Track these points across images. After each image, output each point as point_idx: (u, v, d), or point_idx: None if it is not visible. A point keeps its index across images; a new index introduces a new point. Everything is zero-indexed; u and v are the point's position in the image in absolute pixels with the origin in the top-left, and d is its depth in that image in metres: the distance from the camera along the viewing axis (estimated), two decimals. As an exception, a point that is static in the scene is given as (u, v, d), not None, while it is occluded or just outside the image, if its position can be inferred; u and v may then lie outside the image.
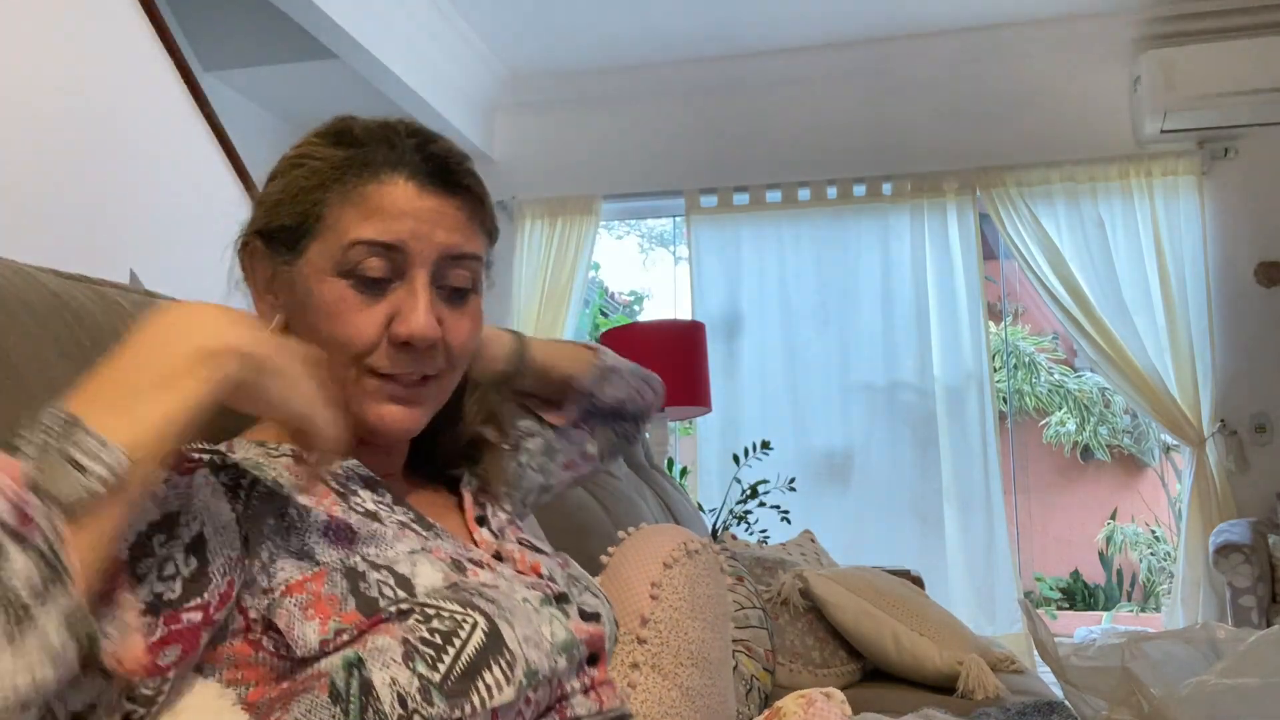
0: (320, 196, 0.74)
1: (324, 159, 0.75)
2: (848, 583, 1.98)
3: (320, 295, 0.73)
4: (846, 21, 4.11)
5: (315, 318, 0.74)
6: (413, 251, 0.73)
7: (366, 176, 0.74)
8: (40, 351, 0.71)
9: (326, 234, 0.74)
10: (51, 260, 0.80)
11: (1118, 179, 4.03)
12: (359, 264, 0.72)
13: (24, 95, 2.14)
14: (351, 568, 0.67)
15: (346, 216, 0.73)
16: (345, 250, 0.73)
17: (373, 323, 0.73)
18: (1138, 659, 1.15)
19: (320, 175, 0.75)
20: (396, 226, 0.73)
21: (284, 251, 0.76)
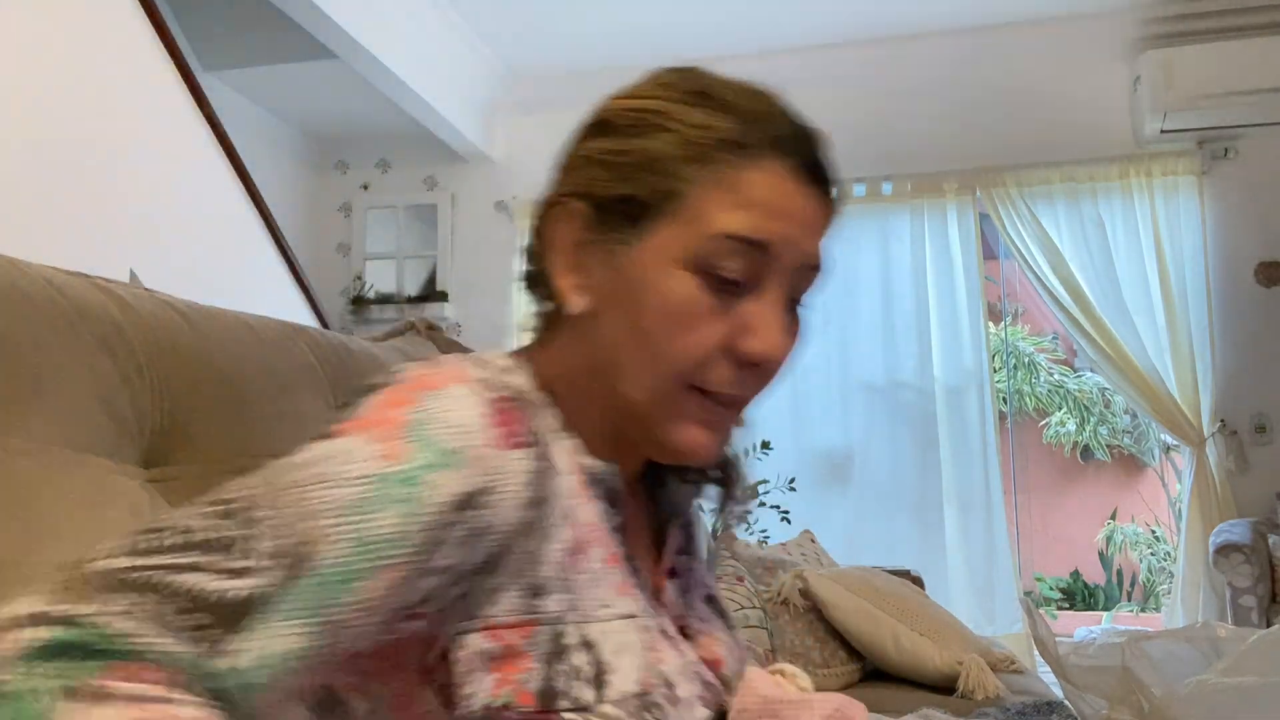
0: (683, 171, 0.62)
1: (693, 125, 0.62)
2: (848, 583, 1.98)
3: (662, 289, 0.61)
4: (847, 21, 4.11)
5: (647, 313, 0.61)
6: (777, 257, 0.62)
7: (743, 158, 0.62)
8: (35, 331, 0.71)
9: (684, 218, 0.61)
10: (51, 260, 0.80)
11: (1118, 179, 4.03)
12: (719, 261, 0.61)
13: (24, 95, 2.14)
14: (559, 634, 0.56)
15: (713, 202, 0.61)
16: (707, 242, 0.61)
17: (717, 333, 0.61)
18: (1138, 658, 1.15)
19: (686, 145, 0.62)
20: (771, 225, 0.61)
21: (619, 226, 0.63)
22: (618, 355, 0.63)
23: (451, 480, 0.52)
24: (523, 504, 0.55)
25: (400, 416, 0.53)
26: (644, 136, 0.63)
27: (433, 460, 0.52)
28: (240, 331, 0.95)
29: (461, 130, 4.40)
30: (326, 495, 0.50)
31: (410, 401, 0.54)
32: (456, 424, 0.54)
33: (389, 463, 0.51)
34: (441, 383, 0.56)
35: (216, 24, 4.01)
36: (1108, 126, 4.05)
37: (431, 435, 0.53)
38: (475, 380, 0.57)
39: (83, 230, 2.27)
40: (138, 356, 0.79)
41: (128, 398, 0.77)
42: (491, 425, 0.55)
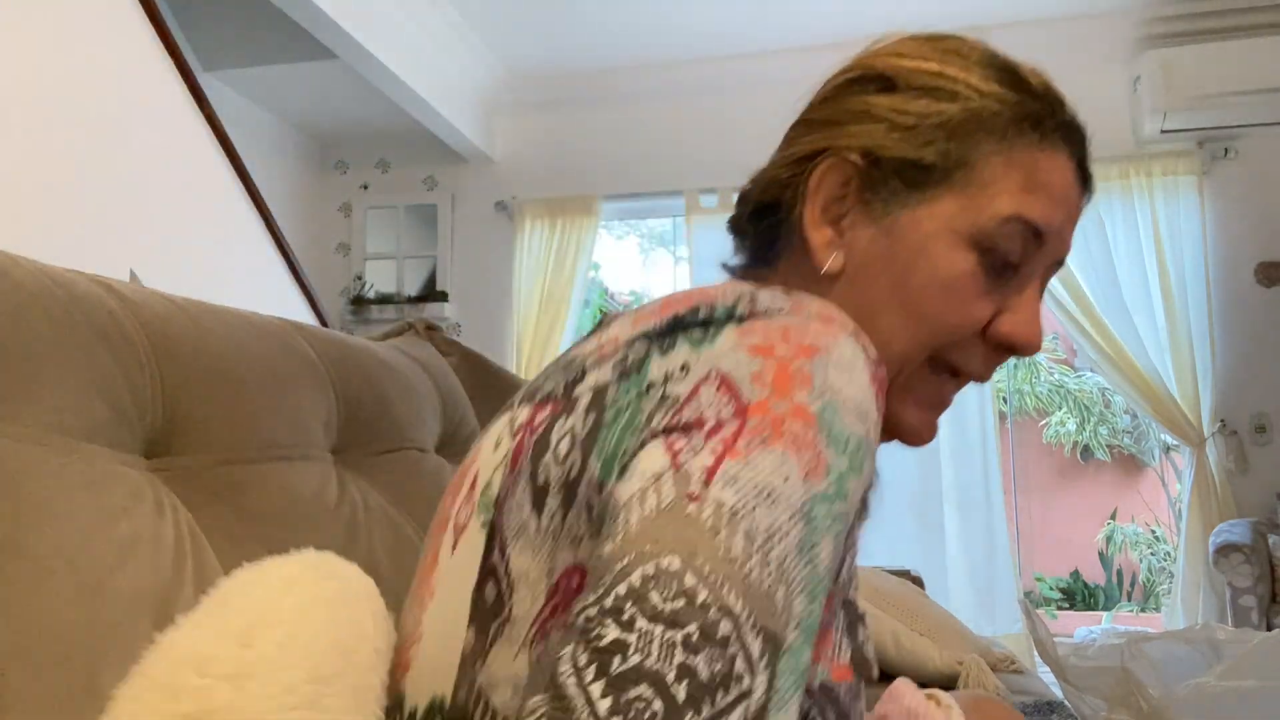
0: (979, 143, 0.59)
1: (994, 98, 0.61)
2: (847, 583, 1.97)
3: (942, 261, 0.58)
4: (846, 21, 4.11)
5: (919, 282, 0.58)
6: (1049, 246, 0.60)
7: (1037, 141, 0.60)
8: (31, 322, 0.71)
9: (973, 191, 0.59)
10: (51, 260, 0.80)
11: (1118, 179, 4.02)
12: (1002, 243, 0.58)
13: (24, 95, 2.14)
14: (852, 600, 0.54)
15: (1005, 179, 0.59)
16: (996, 221, 0.58)
17: (983, 314, 0.59)
18: (1137, 659, 1.15)
19: (986, 117, 0.60)
20: (1055, 214, 0.59)
21: (897, 189, 0.60)
22: (871, 318, 0.59)
23: (862, 482, 0.48)
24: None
25: (810, 410, 0.47)
26: (940, 99, 0.61)
27: (848, 467, 0.47)
28: (239, 325, 0.95)
29: (461, 130, 4.40)
30: (777, 554, 0.43)
31: (810, 381, 0.48)
32: (857, 407, 0.48)
33: (813, 484, 0.45)
34: (831, 340, 0.50)
35: (216, 24, 4.01)
36: (1108, 126, 4.05)
37: (841, 430, 0.47)
38: (856, 332, 0.52)
39: (83, 230, 2.27)
40: (136, 347, 0.79)
41: (127, 388, 0.77)
42: (879, 394, 0.51)
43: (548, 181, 4.59)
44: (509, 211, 4.65)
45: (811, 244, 0.62)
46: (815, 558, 0.44)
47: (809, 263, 0.62)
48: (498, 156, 4.73)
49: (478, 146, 4.59)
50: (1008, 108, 0.60)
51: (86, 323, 0.75)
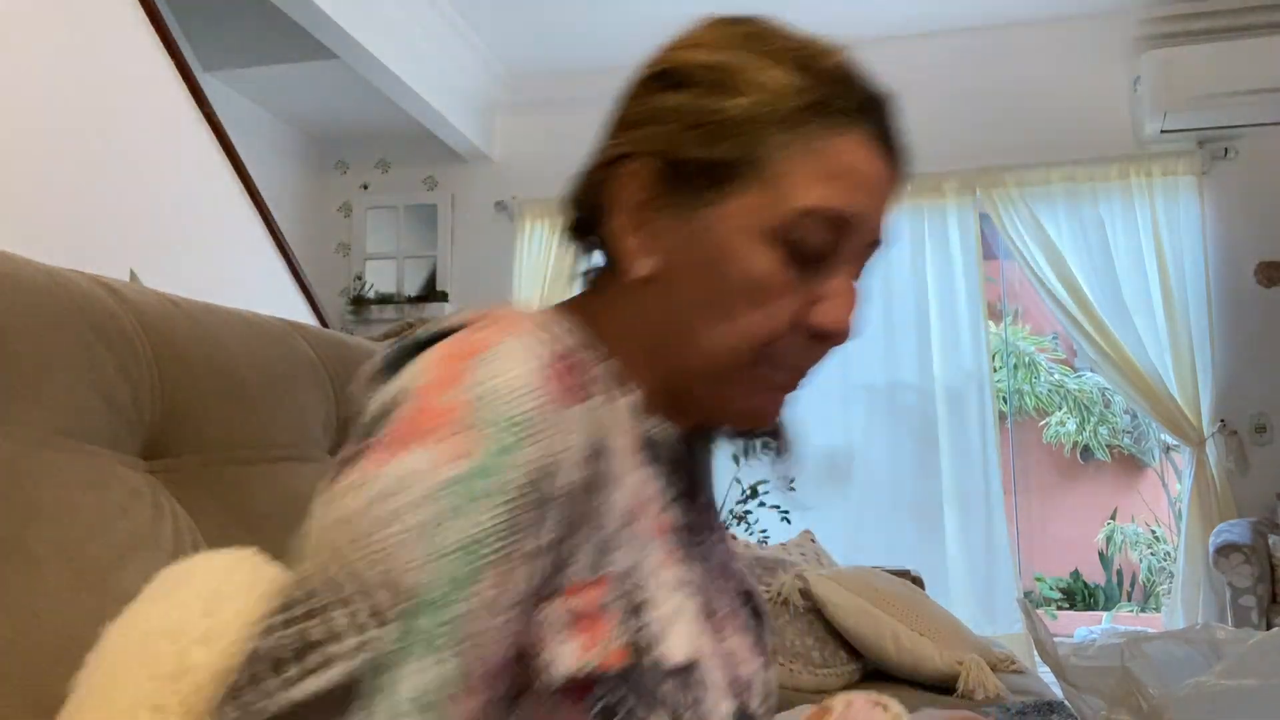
0: (771, 136, 0.57)
1: (781, 87, 0.58)
2: (847, 583, 1.98)
3: (742, 259, 0.58)
4: (846, 21, 4.11)
5: (724, 282, 0.58)
6: (857, 232, 0.59)
7: (830, 125, 0.58)
8: (32, 322, 0.71)
9: (768, 186, 0.57)
10: (51, 260, 0.80)
11: (1118, 179, 4.03)
12: (803, 235, 0.57)
13: (23, 95, 2.14)
14: (638, 586, 0.54)
15: (801, 173, 0.57)
16: (794, 216, 0.57)
17: (795, 306, 0.59)
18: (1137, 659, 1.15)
19: (772, 108, 0.58)
20: (856, 199, 0.58)
21: (696, 189, 0.59)
22: (688, 321, 0.60)
23: (527, 454, 0.49)
24: (585, 459, 0.53)
25: (456, 403, 0.49)
26: (725, 95, 0.59)
27: (506, 441, 0.49)
28: (238, 325, 0.95)
29: (461, 130, 4.40)
30: (400, 532, 0.46)
31: (461, 378, 0.50)
32: (517, 388, 0.50)
33: (459, 463, 0.47)
34: (493, 340, 0.53)
35: (216, 24, 4.01)
36: (1108, 126, 4.05)
37: (496, 412, 0.49)
38: (530, 331, 0.54)
39: (83, 230, 2.27)
40: (136, 347, 0.79)
41: (126, 388, 0.77)
42: (551, 379, 0.52)
43: (548, 181, 4.56)
44: (509, 211, 4.65)
45: (621, 251, 0.61)
46: (445, 531, 0.46)
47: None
48: (498, 156, 4.73)
49: (478, 146, 4.59)
50: (798, 96, 0.58)
51: (88, 324, 0.75)
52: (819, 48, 0.62)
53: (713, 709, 0.55)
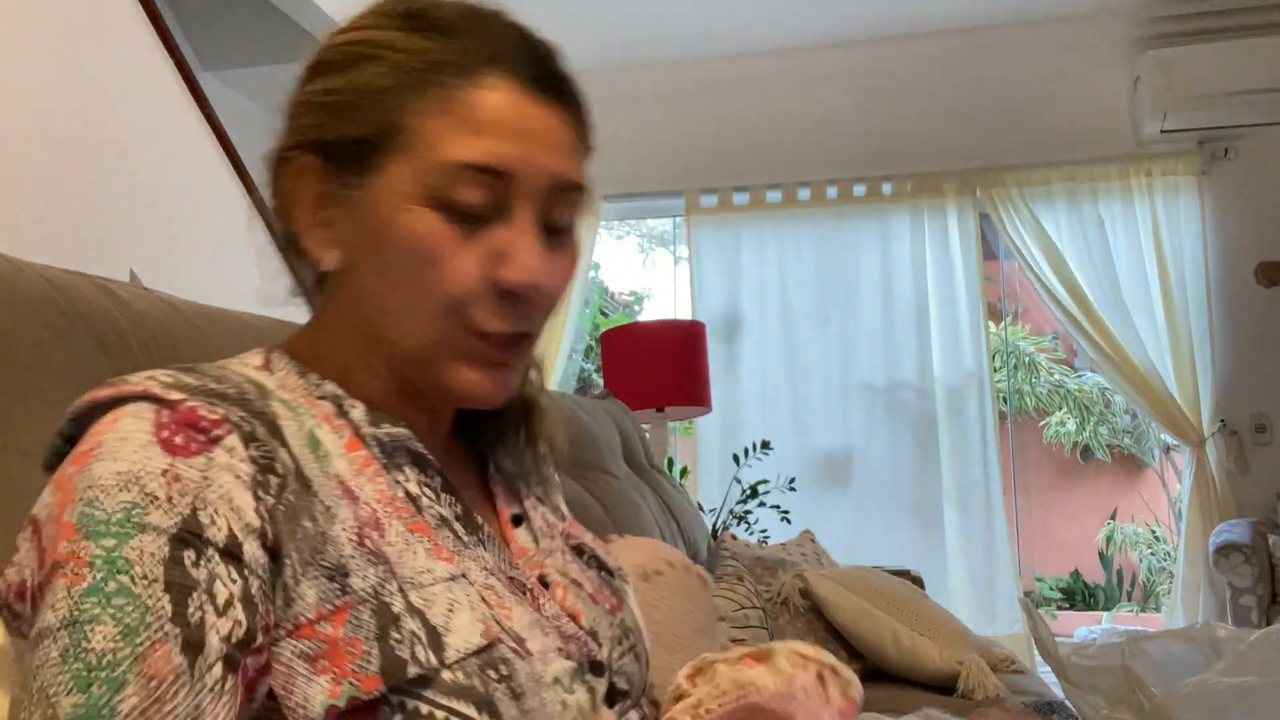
0: (405, 101, 0.57)
1: (406, 50, 0.58)
2: (848, 583, 1.98)
3: (403, 228, 0.57)
4: (846, 21, 4.11)
5: (395, 255, 0.58)
6: (520, 178, 0.58)
7: (463, 77, 0.57)
8: (34, 332, 0.71)
9: (412, 150, 0.57)
10: (51, 260, 0.80)
11: (1118, 179, 4.03)
12: (455, 191, 0.57)
13: (23, 95, 2.13)
14: (386, 603, 0.52)
15: (440, 130, 0.57)
16: (439, 173, 0.57)
17: (472, 265, 0.58)
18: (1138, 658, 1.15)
19: (403, 73, 0.58)
20: (504, 148, 0.57)
21: (349, 170, 0.59)
22: (380, 305, 0.60)
23: (152, 535, 0.47)
24: (252, 491, 0.51)
25: (68, 522, 0.48)
26: (357, 70, 0.59)
27: (119, 539, 0.47)
28: (239, 330, 0.95)
29: (461, 130, 4.39)
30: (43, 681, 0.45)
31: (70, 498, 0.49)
32: (120, 479, 0.48)
33: (75, 588, 0.46)
34: (110, 423, 0.51)
35: (216, 24, 4.01)
36: (1108, 126, 4.05)
37: (102, 516, 0.47)
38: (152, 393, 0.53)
39: (83, 230, 2.27)
40: (136, 357, 0.79)
41: (127, 397, 0.77)
42: (169, 443, 0.50)
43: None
44: (509, 212, 4.65)
45: (307, 248, 0.62)
46: (85, 651, 0.45)
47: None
48: (498, 157, 4.73)
49: (478, 147, 4.58)
50: (425, 58, 0.58)
51: (88, 331, 0.75)
52: (455, 7, 0.61)
53: (538, 675, 0.56)
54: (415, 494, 0.60)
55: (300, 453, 0.55)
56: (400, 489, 0.59)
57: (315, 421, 0.58)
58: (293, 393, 0.60)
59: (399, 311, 0.59)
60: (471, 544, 0.60)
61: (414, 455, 0.61)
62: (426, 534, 0.58)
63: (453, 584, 0.56)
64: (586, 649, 0.62)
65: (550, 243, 0.61)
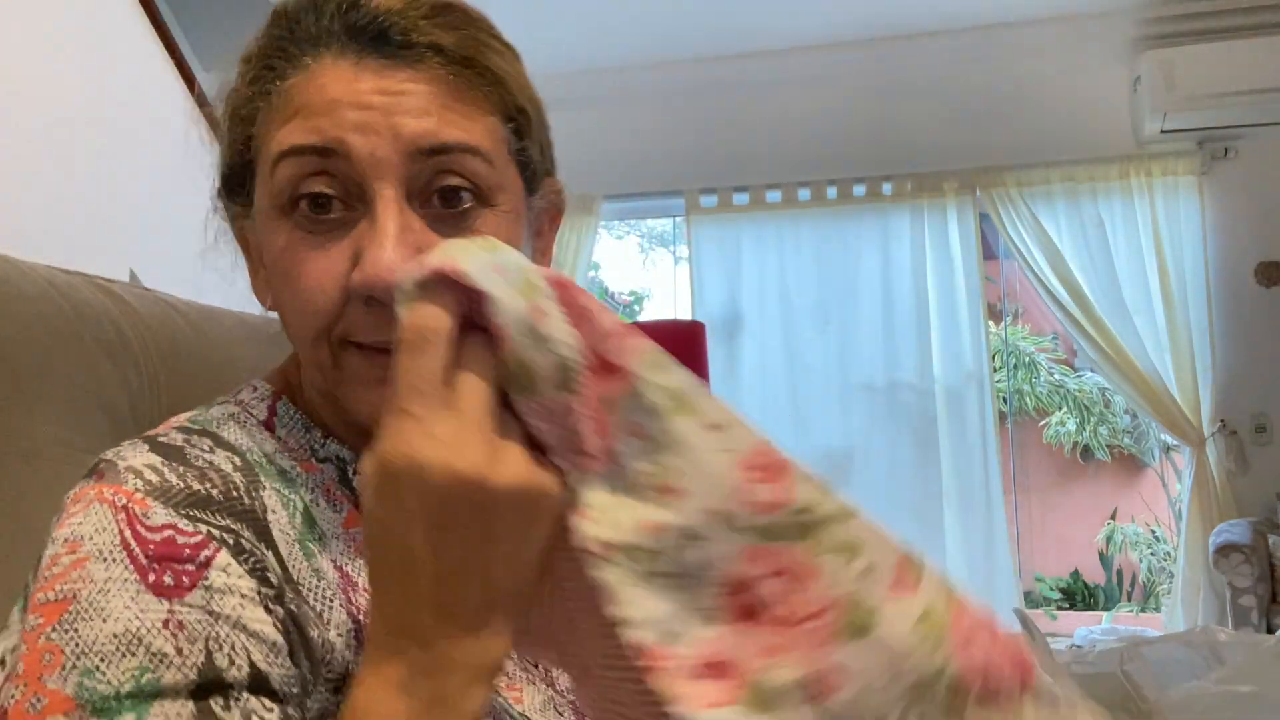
0: (254, 111, 0.53)
1: (253, 56, 0.54)
2: (847, 583, 1.97)
3: (269, 248, 0.53)
4: (846, 21, 4.11)
5: (276, 285, 0.54)
6: (361, 155, 0.49)
7: (289, 66, 0.52)
8: (33, 333, 0.71)
9: (262, 161, 0.53)
10: (51, 260, 0.80)
11: (1118, 179, 4.02)
12: (293, 189, 0.50)
13: (23, 95, 2.13)
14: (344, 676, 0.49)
15: (273, 128, 0.52)
16: (273, 173, 0.51)
17: (332, 275, 0.50)
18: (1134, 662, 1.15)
19: (251, 81, 0.54)
20: (325, 123, 0.49)
21: (240, 201, 0.56)
22: (290, 335, 0.55)
23: (170, 697, 0.42)
24: (262, 605, 0.46)
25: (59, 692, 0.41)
26: (230, 93, 0.56)
27: (136, 709, 0.41)
28: (240, 331, 0.95)
29: (461, 130, 4.39)
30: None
31: (57, 652, 0.42)
32: (124, 629, 0.42)
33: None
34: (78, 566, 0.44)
35: (216, 24, 4.01)
36: (1108, 126, 4.05)
37: (107, 681, 0.42)
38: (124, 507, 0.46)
39: (83, 230, 2.27)
40: (137, 358, 0.79)
41: (127, 399, 0.77)
42: (160, 586, 0.44)
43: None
44: (509, 211, 4.65)
45: (255, 293, 0.60)
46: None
47: None
48: (498, 156, 4.72)
49: (478, 146, 4.58)
50: (259, 55, 0.54)
51: (89, 333, 0.75)
52: (276, 7, 0.56)
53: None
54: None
55: (289, 554, 0.50)
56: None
57: (313, 496, 0.54)
58: (293, 456, 0.55)
59: (295, 340, 0.55)
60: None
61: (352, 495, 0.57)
62: None
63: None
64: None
65: (444, 223, 0.51)
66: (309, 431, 0.57)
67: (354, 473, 0.57)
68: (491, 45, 0.57)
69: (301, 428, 0.57)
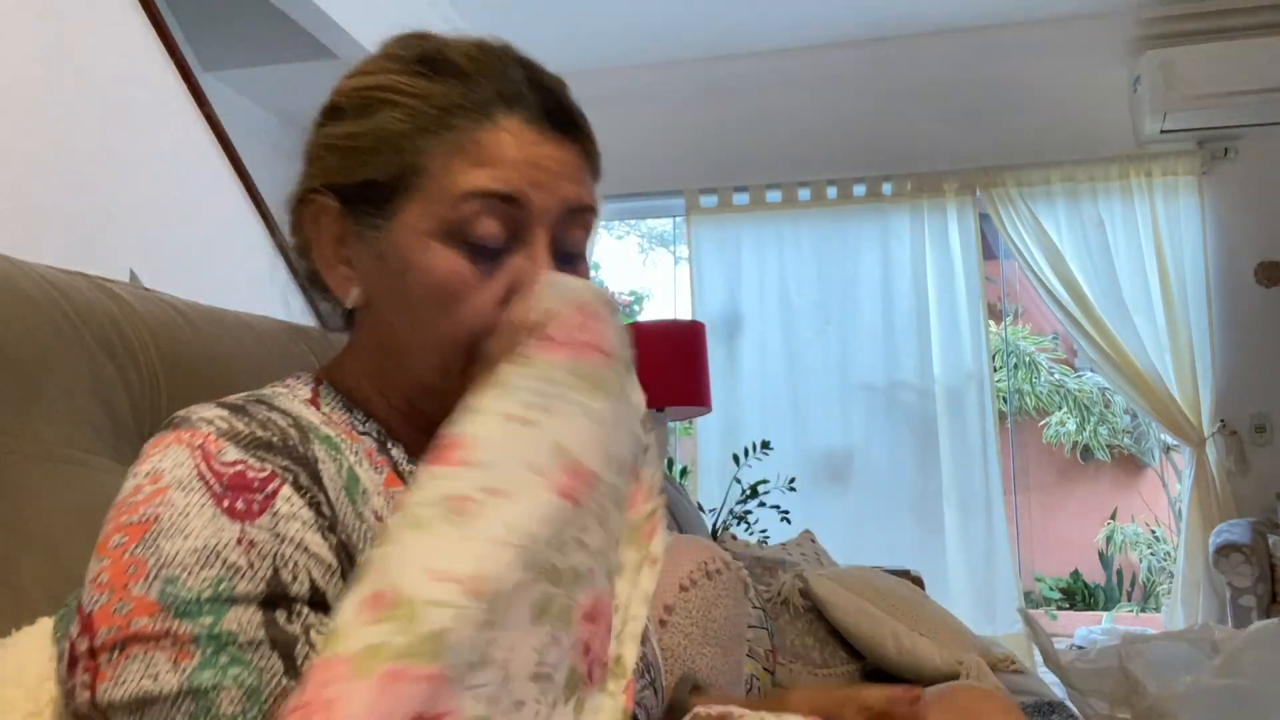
0: (421, 144, 0.60)
1: (421, 95, 0.61)
2: (847, 583, 1.97)
3: (425, 267, 0.60)
4: (846, 21, 4.11)
5: (418, 294, 0.60)
6: (534, 206, 0.61)
7: (475, 120, 0.60)
8: (35, 333, 0.71)
9: (430, 190, 0.60)
10: (51, 260, 0.80)
11: (1118, 179, 4.02)
12: (472, 225, 0.59)
13: (23, 95, 2.14)
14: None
15: (455, 168, 0.60)
16: (454, 207, 0.59)
17: (492, 300, 0.60)
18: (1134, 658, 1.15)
19: (418, 116, 0.61)
20: (513, 176, 0.60)
21: (369, 211, 0.62)
22: (400, 339, 0.62)
23: (244, 604, 0.49)
24: (320, 532, 0.53)
25: (144, 597, 0.48)
26: (373, 115, 0.62)
27: (215, 617, 0.48)
28: (240, 331, 0.95)
29: (461, 130, 4.39)
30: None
31: (141, 564, 0.49)
32: (199, 557, 0.49)
33: (185, 665, 0.47)
34: (160, 495, 0.51)
35: (216, 24, 4.01)
36: (1108, 126, 4.05)
37: (189, 595, 0.48)
38: (200, 445, 0.53)
39: (83, 230, 2.27)
40: (138, 357, 0.79)
41: (127, 399, 0.77)
42: (234, 510, 0.51)
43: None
44: (509, 211, 4.65)
45: (331, 286, 0.65)
46: (219, 717, 0.47)
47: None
48: (498, 156, 4.73)
49: (478, 146, 4.58)
50: (438, 101, 0.61)
51: (91, 334, 0.75)
52: (465, 49, 0.65)
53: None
54: None
55: (337, 498, 0.57)
56: None
57: (356, 458, 0.60)
58: (337, 428, 0.62)
59: (422, 346, 0.62)
60: None
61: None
62: None
63: None
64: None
65: (564, 264, 0.63)
66: (350, 411, 0.65)
67: (392, 444, 0.64)
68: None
69: (343, 407, 0.65)
